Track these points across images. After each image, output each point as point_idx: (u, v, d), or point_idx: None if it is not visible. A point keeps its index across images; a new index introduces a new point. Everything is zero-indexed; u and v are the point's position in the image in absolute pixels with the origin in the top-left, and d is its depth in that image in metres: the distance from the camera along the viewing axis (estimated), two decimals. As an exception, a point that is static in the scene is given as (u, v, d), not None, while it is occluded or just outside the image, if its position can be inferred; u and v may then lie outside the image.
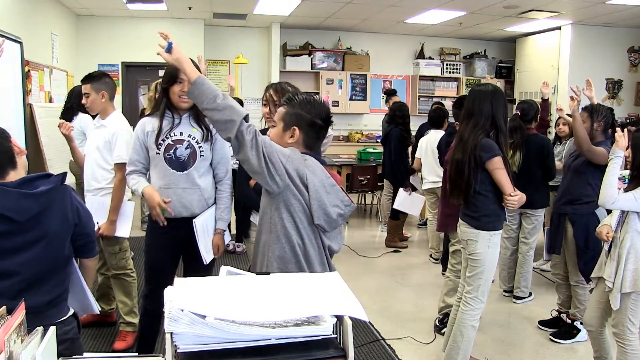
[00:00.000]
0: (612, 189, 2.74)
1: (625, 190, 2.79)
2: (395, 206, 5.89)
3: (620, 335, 2.82)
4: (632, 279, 2.72)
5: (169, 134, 2.63)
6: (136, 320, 3.39)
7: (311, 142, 1.96)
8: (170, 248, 2.73)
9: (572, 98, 3.56)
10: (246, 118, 1.78)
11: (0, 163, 1.83)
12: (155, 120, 2.65)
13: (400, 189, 5.86)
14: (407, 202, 5.82)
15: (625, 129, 2.90)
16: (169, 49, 1.90)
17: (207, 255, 2.72)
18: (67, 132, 3.38)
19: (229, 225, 2.99)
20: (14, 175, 1.85)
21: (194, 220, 2.64)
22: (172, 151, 2.63)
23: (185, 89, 2.53)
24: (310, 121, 1.92)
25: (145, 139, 2.67)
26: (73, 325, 2.00)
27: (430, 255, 5.60)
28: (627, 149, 2.84)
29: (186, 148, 2.64)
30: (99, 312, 2.23)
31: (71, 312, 2.01)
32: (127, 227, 3.27)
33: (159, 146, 2.63)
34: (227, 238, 2.89)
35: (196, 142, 2.65)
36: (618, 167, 2.76)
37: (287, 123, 1.95)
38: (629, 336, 2.79)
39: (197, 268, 2.69)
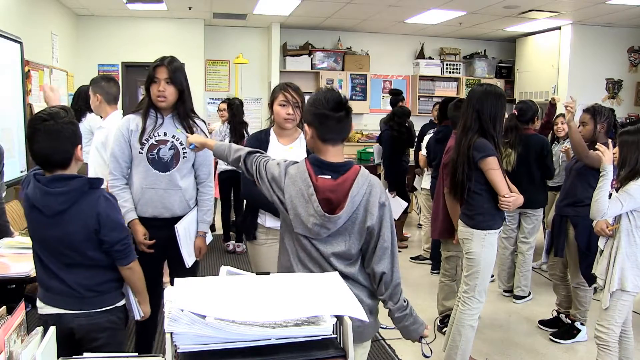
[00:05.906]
0: (602, 205, 2.73)
1: (616, 186, 2.81)
2: None
3: (602, 337, 2.83)
4: (619, 277, 2.76)
5: (153, 134, 2.62)
6: None
7: (324, 133, 1.93)
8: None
9: (566, 107, 3.55)
10: (249, 153, 2.12)
11: (54, 162, 1.92)
12: (140, 119, 2.64)
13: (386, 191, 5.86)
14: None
15: (610, 141, 2.90)
16: (193, 147, 2.50)
17: (189, 259, 2.71)
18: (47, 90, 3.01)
19: (212, 227, 2.98)
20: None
21: (176, 225, 2.64)
22: (155, 151, 2.62)
23: (160, 88, 2.60)
24: (317, 115, 1.94)
25: (129, 137, 2.64)
26: (118, 317, 2.06)
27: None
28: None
29: (170, 149, 2.63)
30: (139, 318, 2.22)
31: (120, 304, 2.07)
32: None
33: (142, 145, 2.61)
34: (209, 239, 2.90)
35: (180, 143, 2.65)
36: (609, 183, 2.75)
37: (304, 123, 2.04)
38: (612, 337, 2.82)
39: (181, 271, 2.68)
